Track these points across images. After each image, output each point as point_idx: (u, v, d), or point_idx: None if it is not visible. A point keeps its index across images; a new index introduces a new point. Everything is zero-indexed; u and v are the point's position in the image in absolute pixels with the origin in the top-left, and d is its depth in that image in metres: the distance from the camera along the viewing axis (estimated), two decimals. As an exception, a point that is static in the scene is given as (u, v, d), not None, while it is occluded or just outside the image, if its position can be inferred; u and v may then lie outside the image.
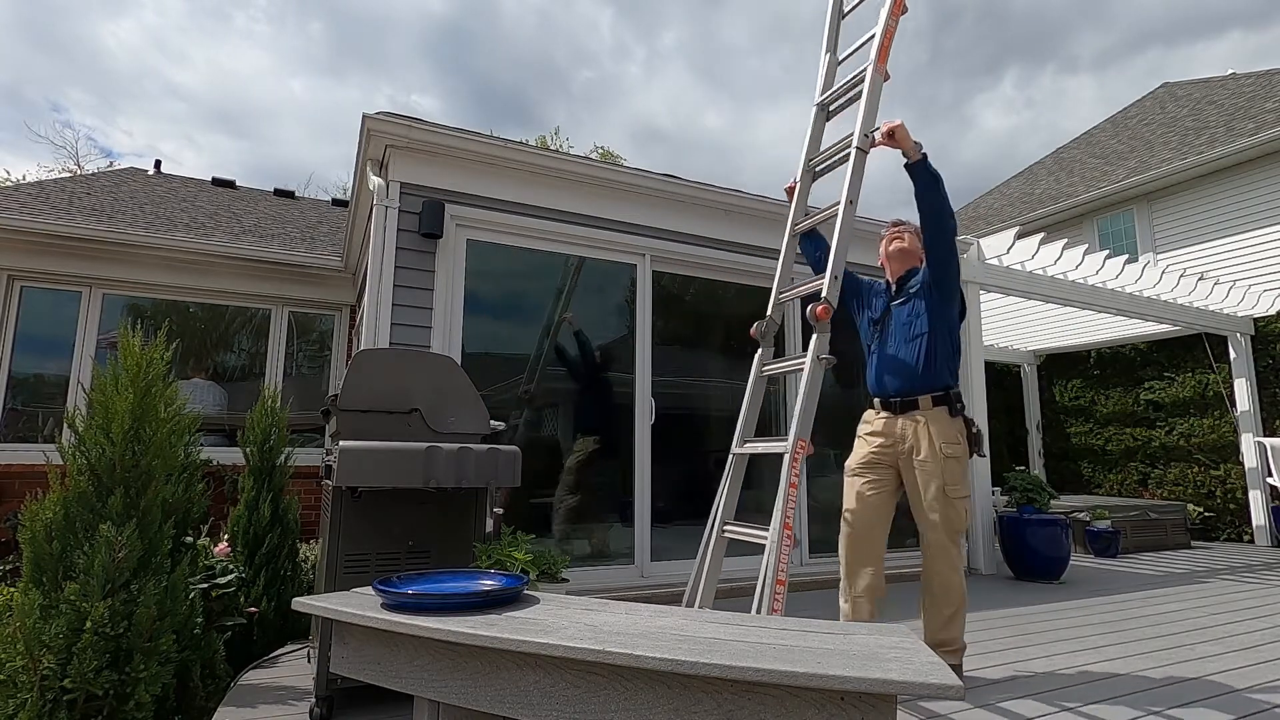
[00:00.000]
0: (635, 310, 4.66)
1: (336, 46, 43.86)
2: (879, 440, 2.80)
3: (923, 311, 2.77)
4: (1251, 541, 7.53)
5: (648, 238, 4.64)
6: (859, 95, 2.75)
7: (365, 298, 4.41)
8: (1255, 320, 7.88)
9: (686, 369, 5.19)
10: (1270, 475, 7.20)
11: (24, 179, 18.66)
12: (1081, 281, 6.62)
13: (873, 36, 2.78)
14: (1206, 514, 7.99)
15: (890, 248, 2.99)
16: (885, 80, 2.74)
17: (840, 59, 3.09)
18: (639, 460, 4.43)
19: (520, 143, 4.51)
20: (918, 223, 2.80)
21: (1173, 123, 10.78)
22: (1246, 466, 7.58)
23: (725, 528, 2.54)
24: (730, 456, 2.66)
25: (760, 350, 2.79)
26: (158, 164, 9.48)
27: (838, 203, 2.64)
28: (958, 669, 2.73)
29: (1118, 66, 53.82)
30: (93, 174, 10.40)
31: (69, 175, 16.05)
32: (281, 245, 6.48)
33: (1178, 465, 8.36)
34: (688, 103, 53.93)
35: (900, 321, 2.84)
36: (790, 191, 3.08)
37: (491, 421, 2.73)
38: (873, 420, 2.88)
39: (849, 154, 2.66)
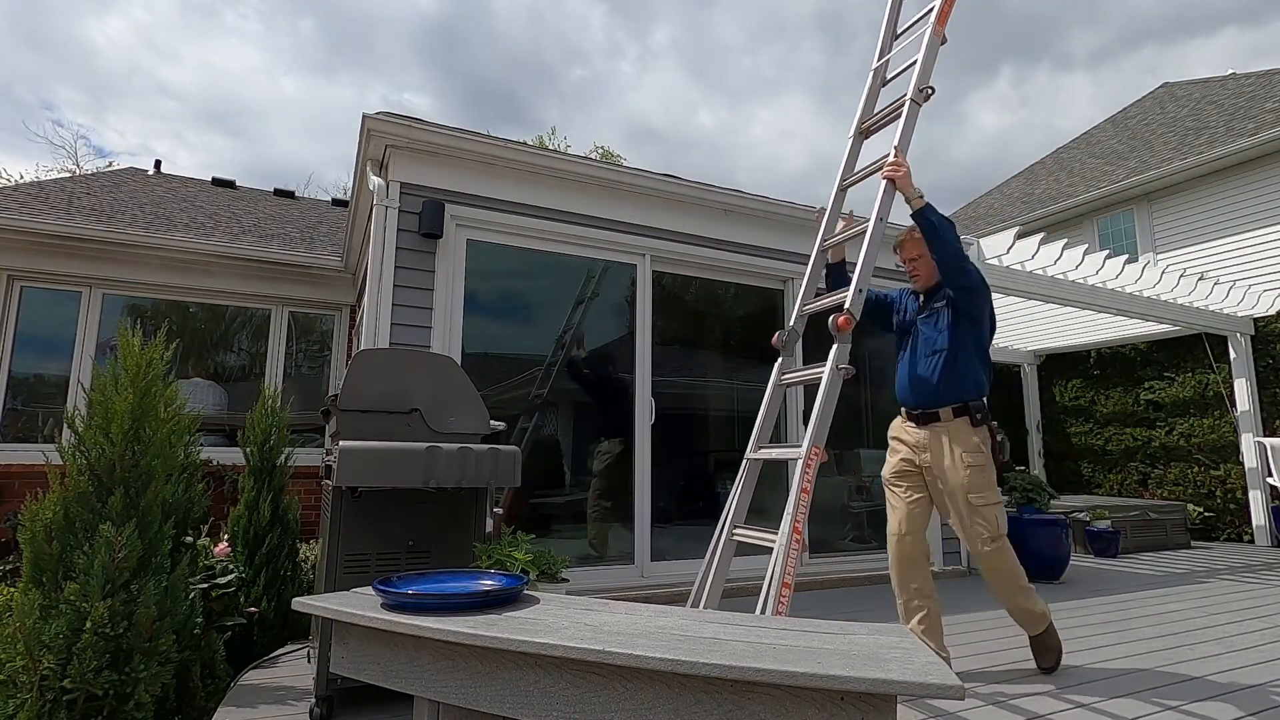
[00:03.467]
0: (635, 310, 4.66)
1: (328, 44, 43.79)
2: (905, 449, 2.92)
3: (945, 327, 2.86)
4: (1251, 541, 7.53)
5: (648, 238, 4.64)
6: (915, 62, 2.85)
7: (365, 298, 4.41)
8: (1255, 320, 7.88)
9: (686, 369, 5.20)
10: (1270, 475, 7.19)
11: (22, 178, 18.66)
12: (1081, 281, 6.62)
13: (931, 9, 2.96)
14: (1206, 514, 7.99)
15: (907, 269, 3.08)
16: (943, 44, 2.89)
17: (899, 32, 3.24)
18: (639, 460, 4.43)
19: (520, 143, 4.51)
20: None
21: (1173, 123, 10.78)
22: (1246, 466, 7.58)
23: (735, 531, 2.55)
24: (744, 461, 2.67)
25: (780, 359, 2.80)
26: (157, 164, 9.48)
27: (886, 155, 2.71)
28: (1049, 635, 2.90)
29: (1112, 64, 53.84)
30: (92, 174, 10.40)
31: (68, 175, 16.04)
32: (281, 245, 6.48)
33: (1178, 465, 8.35)
34: (681, 101, 53.85)
35: (925, 335, 2.93)
36: (820, 214, 3.12)
37: (491, 421, 2.73)
38: (899, 429, 3.00)
39: (903, 106, 2.77)
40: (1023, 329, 8.65)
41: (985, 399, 2.83)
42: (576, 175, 4.44)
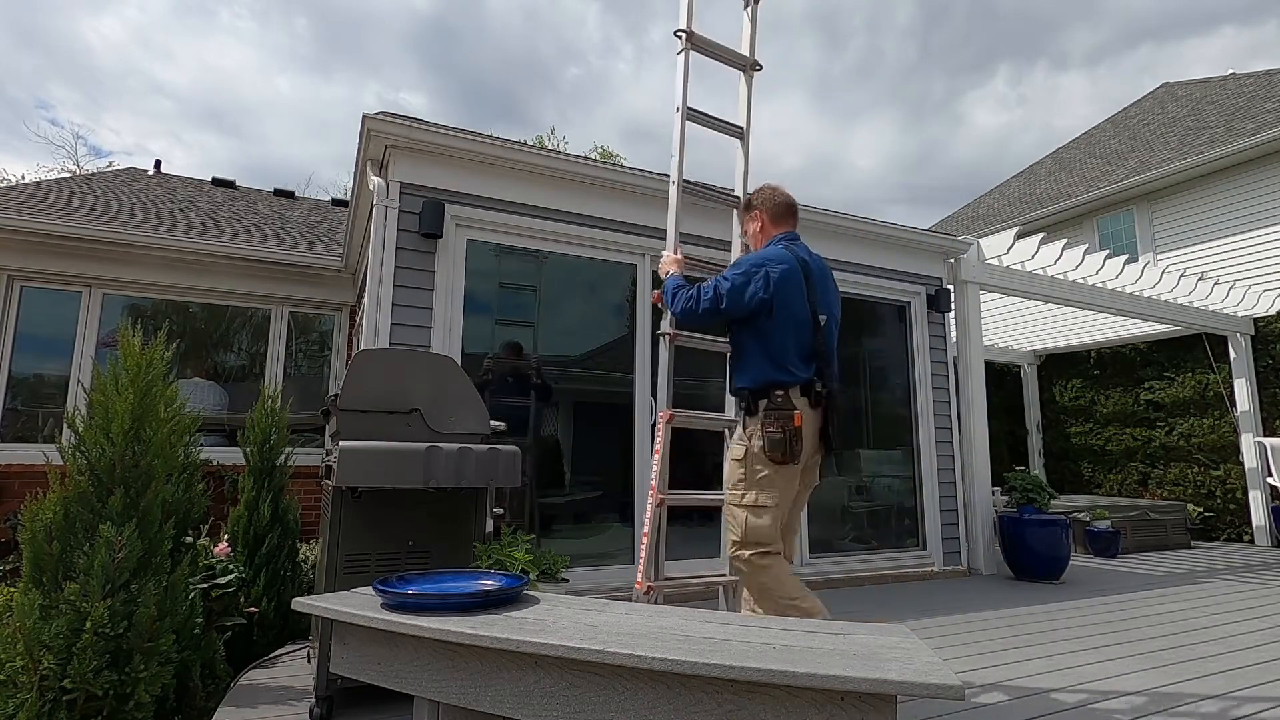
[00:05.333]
0: (635, 310, 4.66)
1: (322, 43, 43.61)
2: None
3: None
4: (1251, 541, 7.53)
5: (648, 238, 4.64)
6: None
7: (365, 298, 4.41)
8: (1255, 320, 7.88)
9: (687, 369, 5.19)
10: (1270, 475, 7.20)
11: (24, 179, 18.66)
12: (1081, 281, 6.62)
13: None
14: (1206, 514, 7.99)
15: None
16: None
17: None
18: (639, 460, 4.43)
19: (520, 143, 4.50)
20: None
21: (1173, 123, 10.79)
22: (1246, 466, 7.58)
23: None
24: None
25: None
26: (157, 164, 9.48)
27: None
28: None
29: (1109, 63, 53.69)
30: (92, 174, 10.40)
31: (68, 175, 16.04)
32: (281, 245, 6.48)
33: (1178, 465, 8.36)
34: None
35: None
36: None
37: (491, 421, 2.73)
38: None
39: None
40: (1023, 329, 8.65)
41: (774, 390, 2.39)
42: (576, 175, 4.44)
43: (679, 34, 3.07)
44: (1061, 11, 53.55)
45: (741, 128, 3.37)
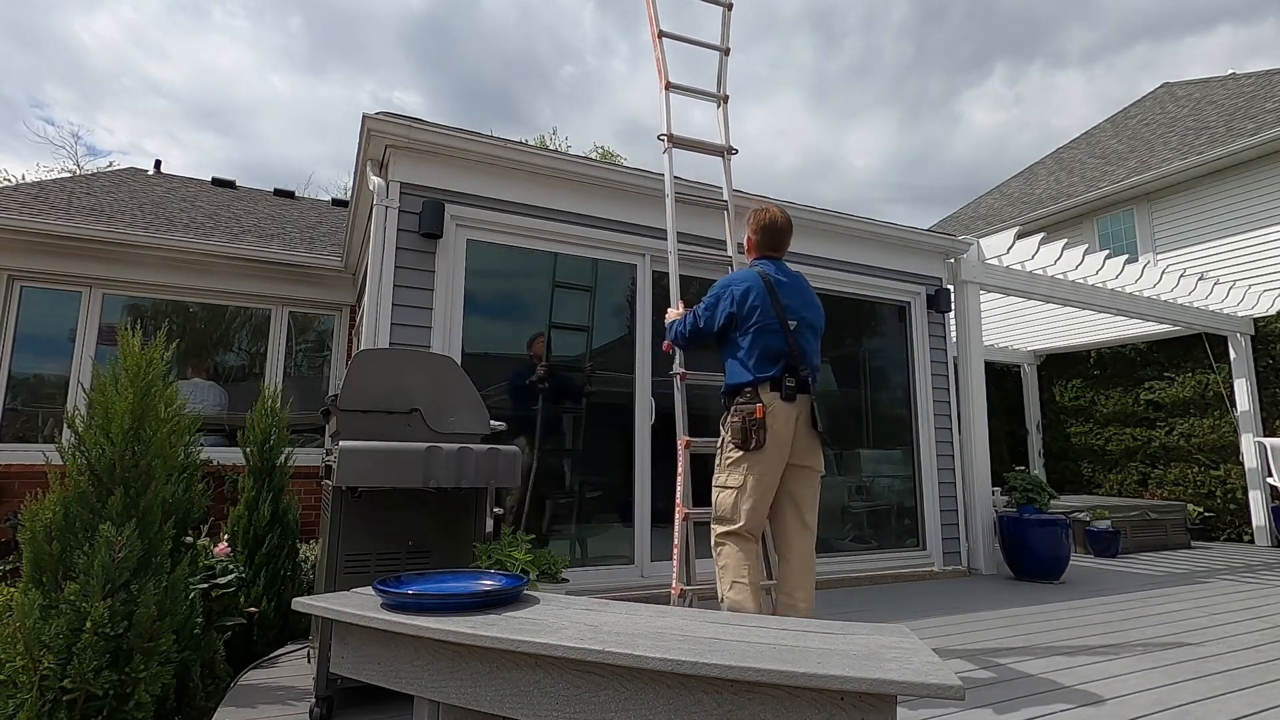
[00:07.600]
0: (635, 310, 4.66)
1: (316, 42, 43.54)
2: None
3: None
4: (1251, 541, 7.53)
5: (648, 238, 4.64)
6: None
7: (365, 298, 4.41)
8: (1255, 320, 7.88)
9: (687, 369, 5.18)
10: (1270, 475, 7.20)
11: (24, 179, 18.65)
12: (1081, 281, 6.62)
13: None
14: (1206, 514, 7.99)
15: None
16: None
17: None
18: (639, 460, 4.43)
19: (520, 143, 4.50)
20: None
21: (1173, 123, 10.78)
22: (1246, 466, 7.58)
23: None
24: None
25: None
26: (157, 164, 9.47)
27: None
28: None
29: (1106, 62, 53.65)
30: (92, 174, 10.39)
31: (68, 175, 16.03)
32: (281, 245, 6.48)
33: (1178, 465, 8.36)
34: (674, 99, 54.02)
35: None
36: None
37: (492, 422, 2.73)
38: None
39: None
40: (1023, 329, 8.65)
41: (741, 388, 2.74)
42: (577, 175, 4.44)
43: (661, 137, 3.69)
44: (1059, 10, 53.53)
45: (726, 201, 3.86)
